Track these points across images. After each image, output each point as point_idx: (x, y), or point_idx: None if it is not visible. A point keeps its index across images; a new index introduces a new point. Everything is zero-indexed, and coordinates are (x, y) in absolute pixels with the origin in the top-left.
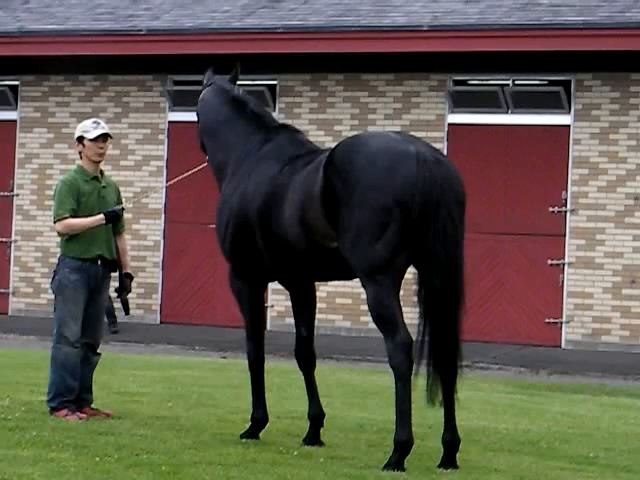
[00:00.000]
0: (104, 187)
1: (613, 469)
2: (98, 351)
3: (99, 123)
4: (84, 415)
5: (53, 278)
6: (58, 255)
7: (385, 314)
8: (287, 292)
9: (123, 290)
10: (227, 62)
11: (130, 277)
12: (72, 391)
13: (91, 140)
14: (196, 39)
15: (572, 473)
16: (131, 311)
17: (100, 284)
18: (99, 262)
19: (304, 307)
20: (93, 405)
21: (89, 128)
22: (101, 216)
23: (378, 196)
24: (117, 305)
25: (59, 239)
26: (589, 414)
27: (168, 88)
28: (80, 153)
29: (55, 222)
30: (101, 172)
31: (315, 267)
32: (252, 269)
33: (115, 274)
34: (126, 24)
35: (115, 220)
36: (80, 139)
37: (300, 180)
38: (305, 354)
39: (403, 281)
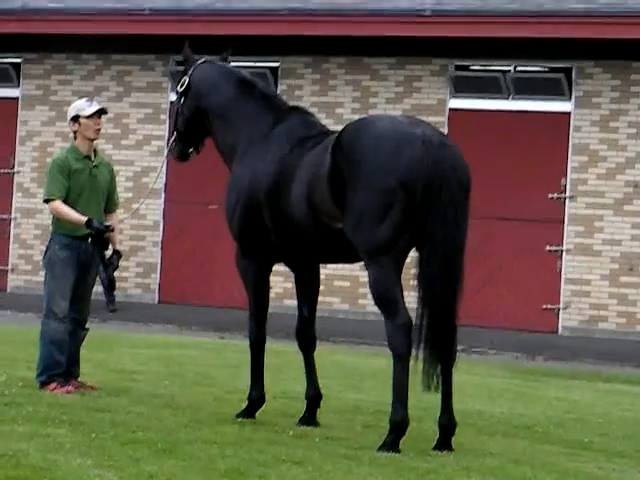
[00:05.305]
0: (96, 166)
1: (607, 454)
2: (86, 326)
3: (92, 101)
4: (71, 388)
5: (45, 254)
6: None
7: (386, 295)
8: (286, 274)
9: (110, 266)
10: (229, 43)
11: (119, 254)
12: (60, 365)
13: (88, 117)
14: (199, 20)
15: (566, 457)
16: (129, 290)
17: (90, 261)
18: (89, 240)
19: (308, 288)
20: (80, 379)
21: (84, 106)
22: (83, 220)
23: (383, 177)
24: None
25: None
26: (584, 399)
27: (170, 68)
28: (75, 133)
29: (45, 201)
30: (95, 151)
31: (321, 248)
32: (259, 249)
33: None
34: (129, 3)
35: (94, 232)
36: (75, 118)
37: (309, 161)
38: (306, 335)
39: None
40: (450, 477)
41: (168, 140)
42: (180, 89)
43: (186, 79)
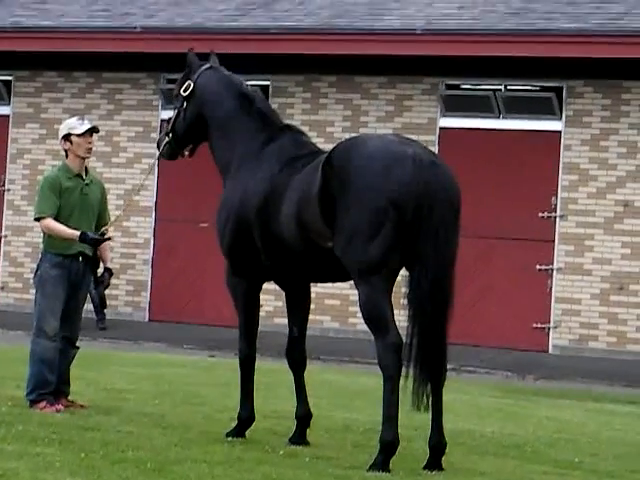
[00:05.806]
0: (87, 184)
1: (597, 474)
2: (76, 345)
3: (84, 119)
4: (61, 407)
5: (36, 273)
6: (40, 250)
7: (376, 314)
8: (276, 292)
9: (101, 284)
10: (221, 62)
11: (110, 272)
12: (50, 384)
13: (79, 135)
14: (190, 38)
15: (556, 477)
16: (120, 308)
17: (81, 280)
18: (80, 258)
19: (298, 308)
20: (70, 397)
21: (75, 125)
22: (77, 234)
23: (373, 197)
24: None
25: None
26: (575, 419)
27: (161, 86)
28: (66, 151)
29: (36, 219)
30: (86, 170)
31: (311, 267)
32: (249, 267)
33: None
34: (121, 22)
35: (89, 244)
36: (67, 137)
37: (299, 180)
38: (296, 354)
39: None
40: None
41: (159, 141)
42: (184, 93)
43: (191, 84)
